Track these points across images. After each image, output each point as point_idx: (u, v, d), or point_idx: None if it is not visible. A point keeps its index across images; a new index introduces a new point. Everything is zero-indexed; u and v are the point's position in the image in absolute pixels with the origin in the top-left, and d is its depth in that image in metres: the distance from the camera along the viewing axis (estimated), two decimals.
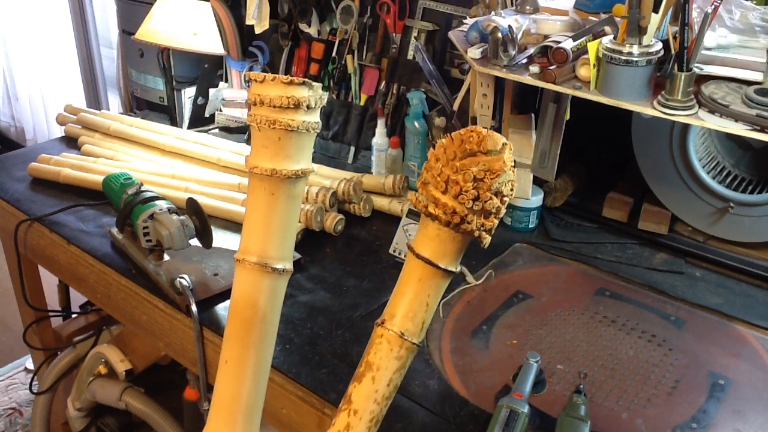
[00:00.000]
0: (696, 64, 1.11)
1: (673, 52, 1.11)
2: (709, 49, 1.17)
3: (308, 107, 0.90)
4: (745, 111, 1.07)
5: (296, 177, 0.92)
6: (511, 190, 0.86)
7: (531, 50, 1.25)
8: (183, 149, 1.78)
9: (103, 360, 1.68)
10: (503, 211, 0.86)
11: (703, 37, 1.09)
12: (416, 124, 1.65)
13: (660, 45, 1.13)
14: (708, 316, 1.29)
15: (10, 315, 2.67)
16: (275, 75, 0.90)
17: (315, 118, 0.92)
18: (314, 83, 0.91)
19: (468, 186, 0.82)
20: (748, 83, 1.11)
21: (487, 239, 0.87)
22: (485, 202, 0.83)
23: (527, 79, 1.24)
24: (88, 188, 1.64)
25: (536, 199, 1.51)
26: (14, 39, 3.78)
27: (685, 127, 1.38)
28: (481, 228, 0.85)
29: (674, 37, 1.11)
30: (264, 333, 0.95)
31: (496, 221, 0.86)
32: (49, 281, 1.86)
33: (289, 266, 0.96)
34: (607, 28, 1.22)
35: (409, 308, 0.89)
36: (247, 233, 0.95)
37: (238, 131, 2.00)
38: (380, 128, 1.71)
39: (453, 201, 0.83)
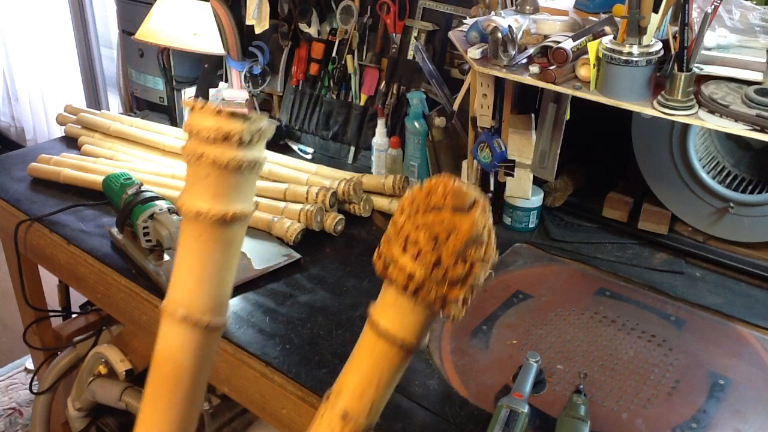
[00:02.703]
0: (696, 64, 1.11)
1: (673, 52, 1.11)
2: (709, 49, 1.16)
3: (242, 141, 0.77)
4: (745, 111, 1.07)
5: (226, 221, 0.79)
6: (485, 254, 0.72)
7: (531, 50, 1.25)
8: None
9: (103, 360, 1.68)
10: (476, 279, 0.72)
11: (703, 37, 1.09)
12: (416, 124, 1.65)
13: (660, 45, 1.13)
14: (708, 316, 1.29)
15: (10, 315, 2.67)
16: (207, 102, 0.79)
17: (253, 154, 0.79)
18: (255, 115, 0.78)
19: (428, 246, 0.69)
20: (748, 83, 1.11)
21: (455, 311, 0.72)
22: (447, 268, 0.70)
23: (527, 79, 1.24)
24: (88, 188, 1.64)
25: (536, 199, 1.51)
26: (14, 39, 3.78)
27: (685, 127, 1.38)
28: (443, 300, 0.71)
29: (674, 37, 1.11)
30: (188, 393, 0.83)
31: (467, 292, 0.72)
32: (49, 281, 1.85)
33: (222, 321, 0.84)
34: (607, 28, 1.22)
35: (355, 384, 0.76)
36: (174, 281, 0.82)
37: None
38: (380, 128, 1.71)
39: (411, 262, 0.70)
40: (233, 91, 2.05)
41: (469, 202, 0.70)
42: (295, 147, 1.93)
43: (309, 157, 1.88)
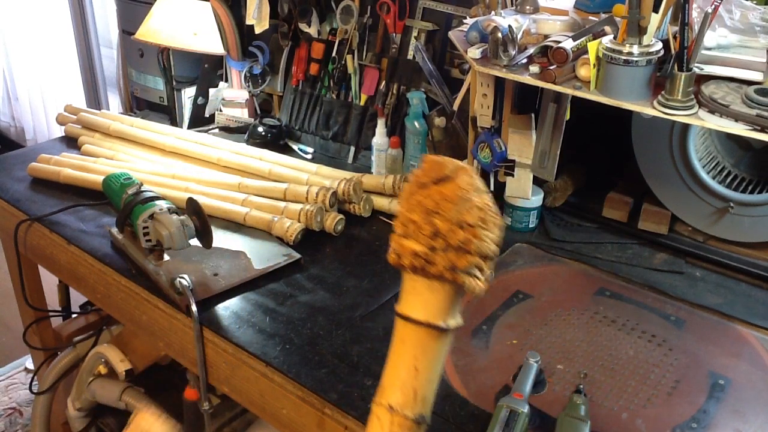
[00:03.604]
0: (696, 64, 1.11)
1: (673, 52, 1.11)
2: (709, 49, 1.17)
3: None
4: (745, 111, 1.07)
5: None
6: (482, 219, 0.73)
7: (531, 50, 1.25)
8: (183, 149, 1.78)
9: (103, 360, 1.68)
10: (480, 246, 0.73)
11: (703, 37, 1.09)
12: (416, 124, 1.65)
13: (660, 45, 1.13)
14: (708, 316, 1.28)
15: (10, 315, 2.67)
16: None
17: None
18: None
19: (423, 221, 0.71)
20: (748, 83, 1.11)
21: (472, 282, 0.74)
22: (446, 236, 0.71)
23: (527, 79, 1.24)
24: (88, 188, 1.64)
25: (536, 199, 1.51)
26: (14, 39, 3.78)
27: (685, 127, 1.38)
28: (453, 269, 0.72)
29: (674, 37, 1.11)
30: None
31: (477, 259, 0.73)
32: (49, 281, 1.85)
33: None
34: (607, 28, 1.22)
35: (395, 376, 0.76)
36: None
37: (238, 131, 2.00)
38: (380, 128, 1.71)
39: (413, 242, 0.72)
40: (233, 91, 2.05)
41: (450, 170, 0.72)
42: (295, 147, 1.93)
43: (309, 157, 1.88)
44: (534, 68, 1.23)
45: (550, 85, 1.21)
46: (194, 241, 1.34)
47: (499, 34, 1.24)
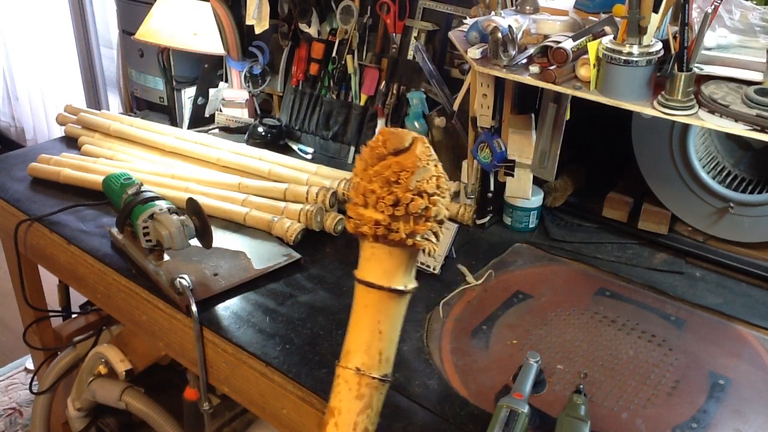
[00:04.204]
0: (696, 64, 1.11)
1: (673, 52, 1.11)
2: (709, 49, 1.16)
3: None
4: (745, 111, 1.07)
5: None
6: (438, 186, 0.78)
7: (531, 50, 1.25)
8: (183, 149, 1.78)
9: (103, 360, 1.68)
10: (438, 211, 0.78)
11: (703, 37, 1.09)
12: (416, 124, 1.65)
13: (660, 45, 1.13)
14: (708, 316, 1.29)
15: (10, 315, 2.67)
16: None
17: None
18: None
19: (383, 191, 0.76)
20: (748, 83, 1.11)
21: (429, 246, 0.79)
22: (407, 204, 0.75)
23: (527, 79, 1.24)
24: (88, 188, 1.64)
25: (536, 199, 1.51)
26: (14, 39, 3.78)
27: (685, 127, 1.38)
28: (414, 235, 0.77)
29: (674, 37, 1.11)
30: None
31: (434, 225, 0.78)
32: (49, 281, 1.85)
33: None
34: (607, 28, 1.22)
35: (361, 340, 0.81)
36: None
37: (238, 131, 2.00)
38: (380, 128, 1.71)
39: (374, 212, 0.77)
40: (233, 91, 2.05)
41: (407, 141, 0.76)
42: (295, 147, 1.93)
43: (309, 157, 1.88)
44: (534, 68, 1.23)
45: (550, 85, 1.21)
46: (194, 241, 1.34)
47: (499, 34, 1.24)
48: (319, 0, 1.84)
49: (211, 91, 2.04)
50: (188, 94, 2.05)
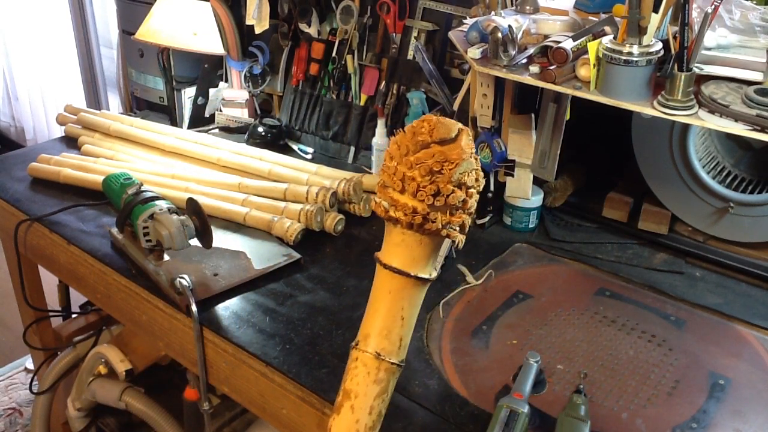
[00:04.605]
0: (696, 64, 1.11)
1: (673, 52, 1.11)
2: (709, 49, 1.16)
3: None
4: (745, 111, 1.07)
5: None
6: (477, 180, 0.78)
7: (531, 50, 1.25)
8: (183, 149, 1.78)
9: (103, 360, 1.68)
10: (473, 204, 0.79)
11: (703, 37, 1.09)
12: None
13: (660, 45, 1.13)
14: (708, 316, 1.29)
15: (10, 315, 2.67)
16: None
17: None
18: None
19: (425, 181, 0.74)
20: (748, 83, 1.11)
21: (460, 238, 0.79)
22: (447, 196, 0.75)
23: (527, 79, 1.24)
24: (88, 188, 1.64)
25: (536, 199, 1.51)
26: (14, 39, 3.78)
27: (685, 127, 1.38)
28: (449, 226, 0.77)
29: (674, 37, 1.11)
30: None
31: (467, 217, 0.79)
32: (49, 281, 1.86)
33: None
34: (607, 28, 1.22)
35: (382, 325, 0.81)
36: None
37: (238, 131, 2.00)
38: (380, 128, 1.71)
39: (412, 199, 0.76)
40: (233, 91, 2.05)
41: (454, 132, 0.75)
42: (295, 147, 1.93)
43: (309, 157, 1.88)
44: (534, 68, 1.23)
45: (550, 85, 1.21)
46: (194, 241, 1.34)
47: (499, 34, 1.24)
48: (319, 0, 1.84)
49: (211, 91, 2.04)
50: (188, 94, 2.05)
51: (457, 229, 0.78)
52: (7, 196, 1.65)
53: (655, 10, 1.10)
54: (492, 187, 1.52)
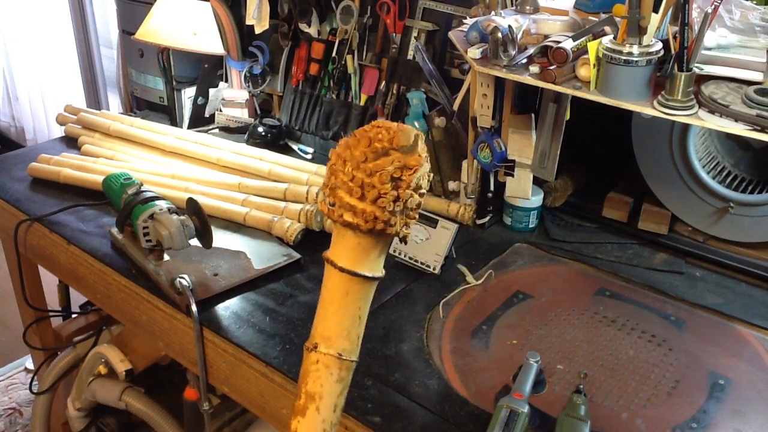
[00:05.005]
0: (696, 64, 1.11)
1: (673, 52, 1.11)
2: (709, 49, 1.16)
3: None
4: (745, 111, 1.07)
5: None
6: (428, 182, 0.80)
7: (531, 50, 1.25)
8: (183, 149, 1.78)
9: (103, 360, 1.68)
10: (422, 203, 0.82)
11: (703, 37, 1.09)
12: (416, 124, 1.65)
13: (660, 45, 1.13)
14: (708, 316, 1.29)
15: (10, 315, 2.67)
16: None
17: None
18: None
19: (386, 188, 0.76)
20: (748, 83, 1.11)
21: (408, 234, 0.82)
22: (406, 201, 0.77)
23: (527, 79, 1.24)
24: (88, 188, 1.64)
25: (536, 199, 1.51)
26: (14, 39, 3.78)
27: (685, 127, 1.38)
28: (405, 227, 0.80)
29: (674, 37, 1.11)
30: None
31: (416, 215, 0.82)
32: (49, 281, 1.86)
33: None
34: (607, 28, 1.22)
35: (342, 327, 0.82)
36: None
37: (238, 131, 2.00)
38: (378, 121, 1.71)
39: (372, 206, 0.77)
40: (233, 91, 2.05)
41: (413, 138, 0.76)
42: (295, 147, 1.93)
43: (309, 157, 1.88)
44: (534, 68, 1.23)
45: (550, 85, 1.21)
46: (194, 241, 1.34)
47: (499, 34, 1.24)
48: (319, 0, 1.84)
49: (211, 91, 2.04)
50: (188, 94, 2.05)
51: (409, 228, 0.81)
52: (7, 196, 1.65)
53: (655, 10, 1.10)
54: (492, 187, 1.52)
